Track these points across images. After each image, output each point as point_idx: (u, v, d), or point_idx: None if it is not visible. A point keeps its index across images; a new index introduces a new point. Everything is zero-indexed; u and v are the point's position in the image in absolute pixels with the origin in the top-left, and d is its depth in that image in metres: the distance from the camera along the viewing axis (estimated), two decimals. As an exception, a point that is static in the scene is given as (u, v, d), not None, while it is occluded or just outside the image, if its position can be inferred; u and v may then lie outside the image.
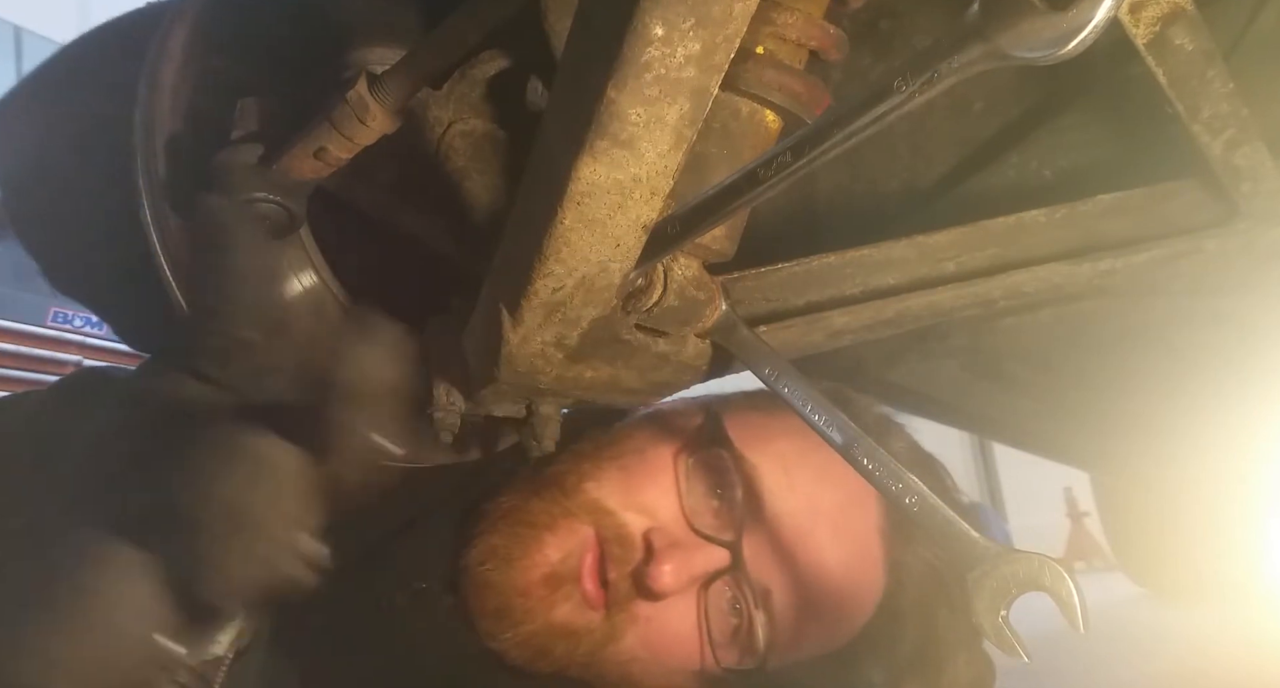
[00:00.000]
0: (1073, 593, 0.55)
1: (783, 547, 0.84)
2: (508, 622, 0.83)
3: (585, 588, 0.83)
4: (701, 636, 0.83)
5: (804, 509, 0.86)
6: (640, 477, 0.88)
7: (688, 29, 0.44)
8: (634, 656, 0.84)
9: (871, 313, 0.73)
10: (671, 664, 0.85)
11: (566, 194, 0.52)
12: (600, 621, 0.83)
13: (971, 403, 1.27)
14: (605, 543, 0.83)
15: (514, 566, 0.83)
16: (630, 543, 0.84)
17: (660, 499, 0.86)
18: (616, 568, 0.83)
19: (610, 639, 0.83)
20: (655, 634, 0.83)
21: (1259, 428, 1.29)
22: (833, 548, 0.86)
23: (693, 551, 0.82)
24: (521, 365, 0.64)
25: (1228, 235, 0.72)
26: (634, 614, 0.83)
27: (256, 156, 0.69)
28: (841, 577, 0.86)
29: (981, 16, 0.40)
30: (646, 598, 0.83)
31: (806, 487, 0.87)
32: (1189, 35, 0.59)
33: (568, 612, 0.83)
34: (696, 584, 0.83)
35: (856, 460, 0.63)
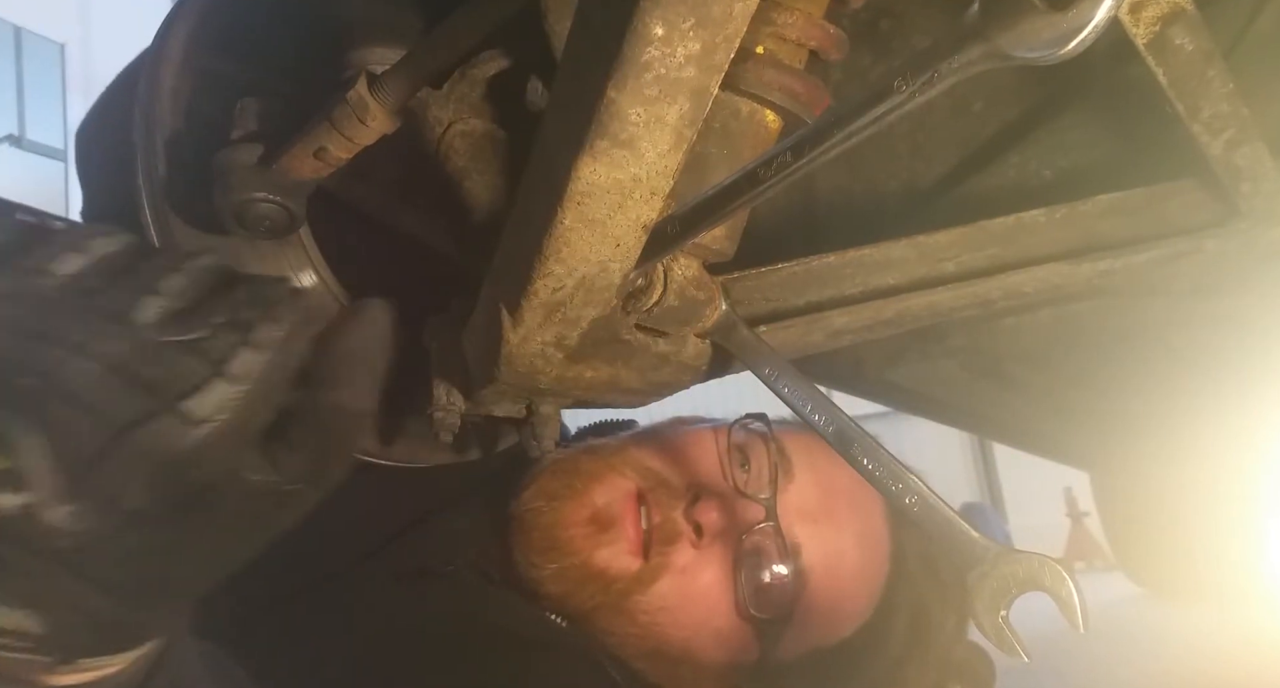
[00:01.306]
0: (1073, 593, 0.55)
1: (809, 510, 0.91)
2: (552, 554, 0.89)
3: (627, 532, 0.88)
4: (735, 585, 0.88)
5: (825, 484, 0.93)
6: (683, 447, 0.96)
7: (688, 29, 0.44)
8: (664, 605, 0.89)
9: (871, 313, 0.73)
10: (699, 615, 0.90)
11: (566, 194, 0.52)
12: (637, 566, 0.88)
13: (971, 403, 1.27)
14: (649, 491, 0.90)
15: (563, 505, 0.90)
16: (674, 491, 0.90)
17: (701, 462, 0.94)
18: (660, 511, 0.89)
19: (643, 585, 0.88)
20: (689, 582, 0.88)
21: (1258, 428, 1.29)
22: (849, 520, 0.93)
23: (734, 501, 0.90)
24: (521, 365, 0.64)
25: (1228, 235, 0.72)
26: (671, 562, 0.88)
27: (256, 156, 0.69)
28: (856, 549, 0.93)
29: (981, 17, 0.40)
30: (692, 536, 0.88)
31: (826, 466, 0.94)
32: (1189, 35, 0.59)
33: (608, 555, 0.88)
34: (736, 533, 0.89)
35: (856, 460, 0.63)
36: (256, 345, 0.40)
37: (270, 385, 0.41)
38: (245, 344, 0.40)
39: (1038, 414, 1.30)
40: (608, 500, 0.90)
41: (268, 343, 0.40)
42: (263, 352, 0.40)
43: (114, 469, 0.37)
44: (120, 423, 0.37)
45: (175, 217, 0.76)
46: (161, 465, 0.38)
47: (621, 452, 0.95)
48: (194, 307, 0.40)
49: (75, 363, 0.37)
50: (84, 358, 0.37)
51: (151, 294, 0.39)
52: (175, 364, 0.38)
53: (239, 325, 0.40)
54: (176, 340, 0.39)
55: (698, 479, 0.92)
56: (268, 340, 0.40)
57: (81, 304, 0.38)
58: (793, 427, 0.99)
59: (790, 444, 0.95)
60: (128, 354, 0.37)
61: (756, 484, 0.91)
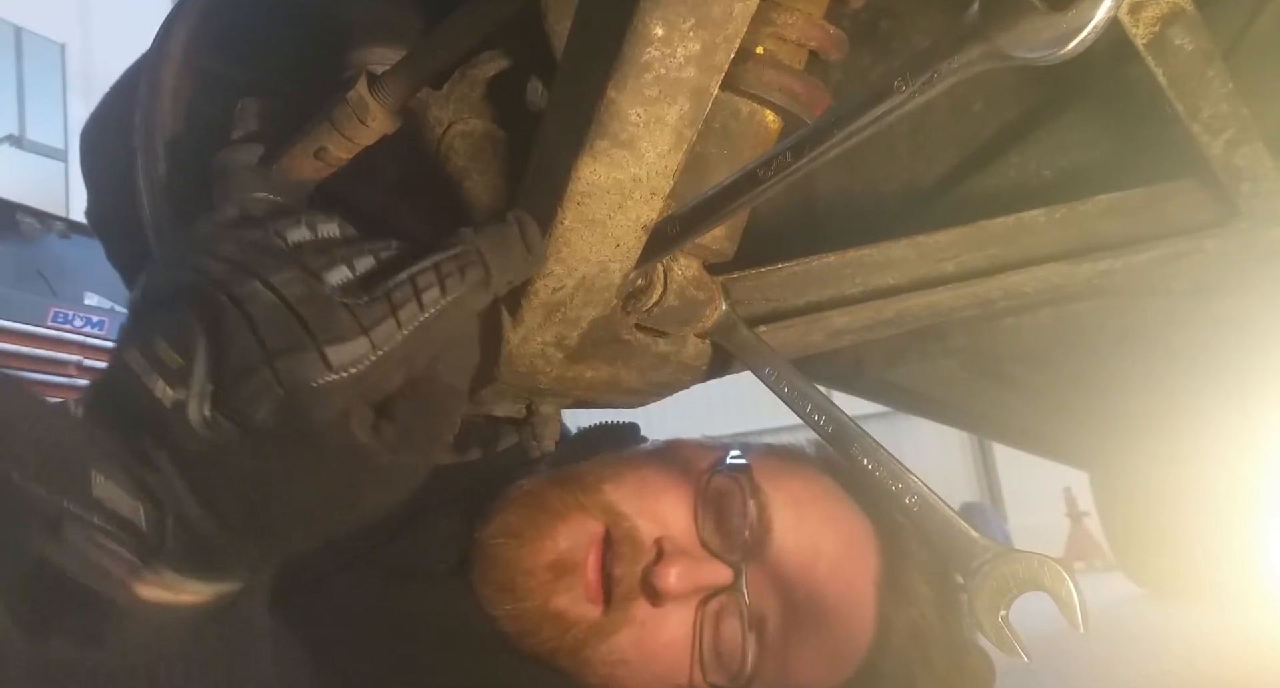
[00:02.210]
0: (1072, 593, 0.55)
1: (782, 579, 0.86)
2: (508, 596, 0.86)
3: (587, 579, 0.85)
4: (693, 649, 0.85)
5: (808, 547, 0.88)
6: (659, 488, 0.90)
7: (688, 29, 0.45)
8: (623, 657, 0.86)
9: (871, 313, 0.73)
10: (658, 672, 0.87)
11: (566, 194, 0.52)
12: (596, 616, 0.85)
13: (971, 403, 1.27)
14: (615, 542, 0.86)
15: (524, 545, 0.87)
16: (640, 544, 0.86)
17: (674, 511, 0.89)
18: (623, 566, 0.85)
19: (602, 635, 0.85)
20: (648, 638, 0.85)
21: (1258, 428, 1.29)
22: (829, 588, 0.88)
23: (700, 562, 0.85)
24: (521, 365, 0.65)
25: (1227, 235, 0.72)
26: (631, 616, 0.85)
27: (256, 157, 0.69)
28: (833, 619, 0.88)
29: (981, 17, 0.40)
30: (649, 598, 0.84)
31: (813, 527, 0.89)
32: (1189, 35, 0.59)
33: (566, 602, 0.85)
34: (698, 596, 0.85)
35: (855, 460, 0.63)
36: (402, 321, 0.46)
37: (404, 357, 0.47)
38: (393, 317, 0.46)
39: (1038, 414, 1.30)
40: (570, 544, 0.86)
41: (409, 321, 0.47)
42: (405, 327, 0.47)
43: (253, 386, 0.43)
44: (273, 349, 0.44)
45: (175, 216, 0.76)
46: (290, 394, 0.44)
47: (593, 489, 0.90)
48: (370, 280, 0.47)
49: (264, 295, 0.44)
50: (271, 291, 0.44)
51: (345, 265, 0.48)
52: (334, 316, 0.45)
53: (395, 301, 0.47)
54: (344, 301, 0.46)
55: (667, 529, 0.87)
56: (410, 319, 0.47)
57: (292, 258, 0.47)
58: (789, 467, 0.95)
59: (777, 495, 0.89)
60: (304, 299, 0.45)
61: (730, 541, 0.86)
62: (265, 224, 0.49)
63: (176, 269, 0.47)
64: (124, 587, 0.45)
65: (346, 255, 0.48)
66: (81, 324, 6.57)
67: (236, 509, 0.46)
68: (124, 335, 0.47)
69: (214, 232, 0.49)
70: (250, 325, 0.44)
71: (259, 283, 0.45)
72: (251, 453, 0.45)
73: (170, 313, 0.46)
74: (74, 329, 6.58)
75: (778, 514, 0.88)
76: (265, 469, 0.46)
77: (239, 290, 0.44)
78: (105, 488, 0.44)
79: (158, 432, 0.45)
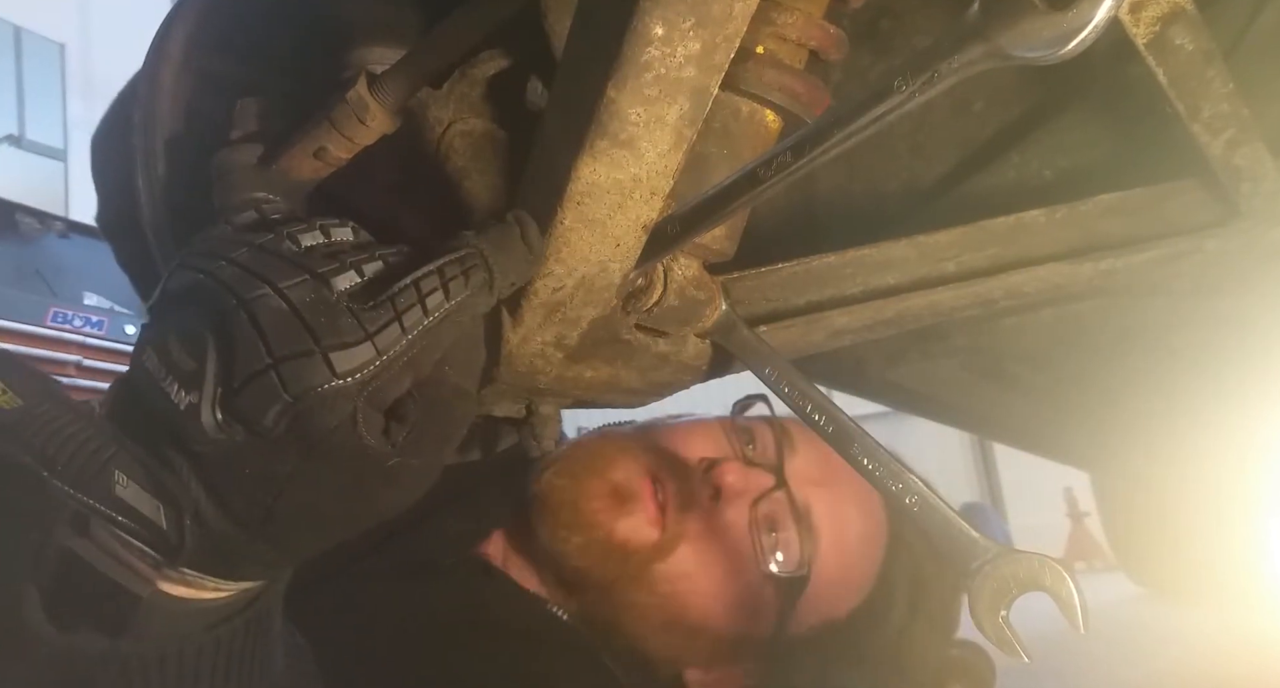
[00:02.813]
0: (1073, 593, 0.55)
1: (815, 479, 0.96)
2: (576, 527, 0.93)
3: (646, 504, 0.93)
4: (754, 542, 0.93)
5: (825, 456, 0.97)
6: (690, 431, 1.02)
7: (688, 29, 0.44)
8: (684, 570, 0.93)
9: (871, 313, 0.73)
10: (718, 577, 0.93)
11: (566, 194, 0.52)
12: (655, 537, 0.93)
13: (972, 403, 1.27)
14: (661, 468, 0.96)
15: (584, 481, 0.95)
16: (687, 466, 0.96)
17: (710, 443, 0.99)
18: (675, 482, 0.94)
19: (663, 553, 0.92)
20: (707, 547, 0.93)
21: (1259, 428, 1.29)
22: (850, 487, 0.98)
23: (748, 468, 0.95)
24: (521, 365, 0.64)
25: (1228, 235, 0.72)
26: (687, 530, 0.93)
27: (256, 156, 0.69)
28: (859, 514, 0.98)
29: (981, 16, 0.40)
30: (699, 507, 0.93)
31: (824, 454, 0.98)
32: (1189, 35, 0.59)
33: (629, 526, 0.92)
34: (750, 497, 0.93)
35: (855, 459, 0.63)
36: (406, 326, 0.47)
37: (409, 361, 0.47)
38: (397, 322, 0.46)
39: (1038, 414, 1.30)
40: (625, 476, 0.95)
41: (414, 326, 0.47)
42: (409, 332, 0.47)
43: (259, 390, 0.44)
44: (278, 354, 0.44)
45: (175, 216, 0.76)
46: (296, 399, 0.44)
47: (633, 436, 1.01)
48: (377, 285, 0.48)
49: (271, 300, 0.45)
50: (278, 297, 0.45)
51: (354, 270, 0.48)
52: (339, 321, 0.45)
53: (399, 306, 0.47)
54: (350, 306, 0.46)
55: (708, 455, 0.97)
56: (414, 324, 0.47)
57: (301, 263, 0.47)
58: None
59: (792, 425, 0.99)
60: (310, 305, 0.45)
61: (763, 456, 0.96)
62: (279, 228, 0.50)
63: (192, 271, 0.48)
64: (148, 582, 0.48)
65: (356, 261, 0.48)
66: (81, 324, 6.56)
67: (250, 511, 0.47)
68: (143, 336, 0.48)
69: (230, 234, 0.50)
70: (257, 330, 0.44)
71: (268, 288, 0.45)
72: (263, 456, 0.46)
73: (184, 315, 0.47)
74: (73, 329, 6.58)
75: (796, 437, 0.98)
76: (276, 472, 0.46)
77: (248, 295, 0.45)
78: (128, 488, 0.46)
79: (174, 433, 0.46)
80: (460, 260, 0.49)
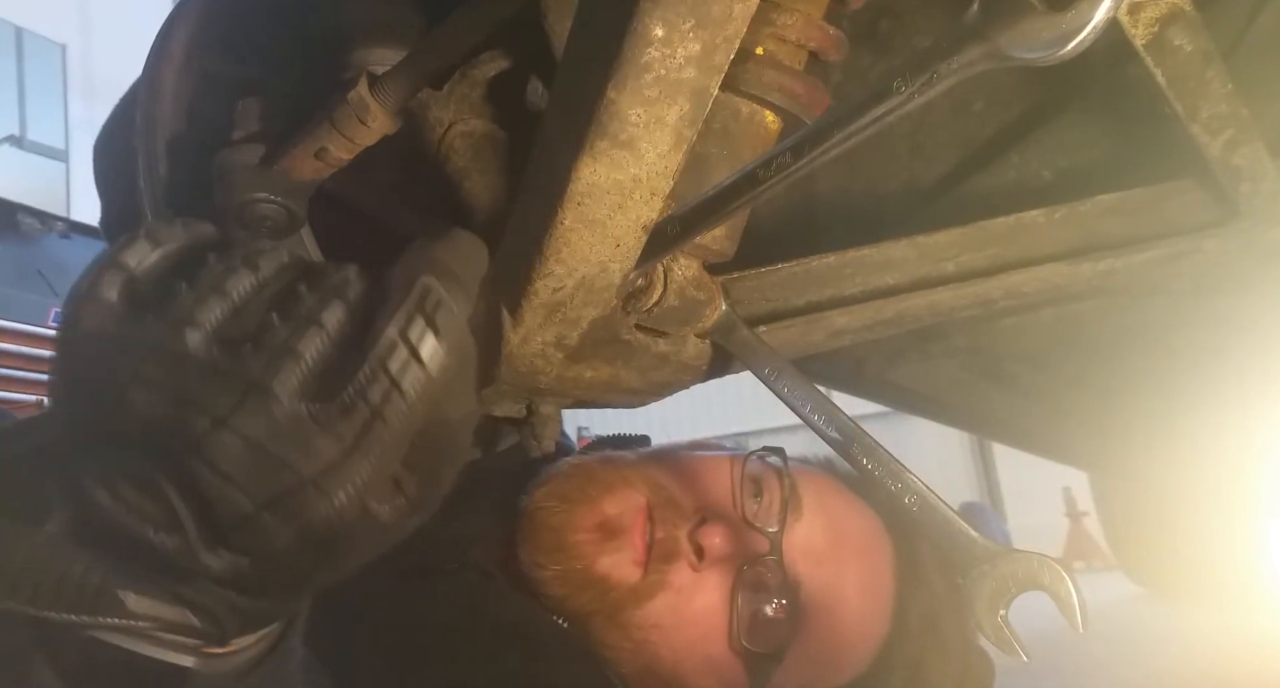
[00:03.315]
0: (1072, 593, 0.55)
1: (814, 553, 0.90)
2: (557, 556, 0.89)
3: (634, 543, 0.88)
4: (730, 613, 0.88)
5: (834, 527, 0.93)
6: (698, 470, 0.96)
7: (688, 30, 0.45)
8: (658, 622, 0.88)
9: (871, 313, 0.73)
10: (691, 637, 0.89)
11: (566, 194, 0.52)
12: (637, 579, 0.88)
13: (971, 403, 1.27)
14: (657, 509, 0.90)
15: (574, 508, 0.90)
16: (682, 511, 0.90)
17: (714, 488, 0.94)
18: (664, 529, 0.89)
19: (640, 599, 0.88)
20: (685, 602, 0.88)
21: (1259, 428, 1.29)
22: (854, 566, 0.93)
23: (740, 530, 0.90)
24: (522, 365, 0.65)
25: (1227, 235, 0.72)
26: (669, 580, 0.88)
27: (258, 157, 0.69)
28: (858, 596, 0.92)
29: (981, 17, 0.40)
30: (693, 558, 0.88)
31: (837, 511, 0.94)
32: (1188, 36, 0.59)
33: (611, 563, 0.88)
34: (735, 562, 0.89)
35: (855, 460, 0.63)
36: (390, 419, 0.41)
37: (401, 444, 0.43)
38: (378, 420, 0.41)
39: (1038, 414, 1.30)
40: (619, 510, 0.90)
41: (397, 417, 0.41)
42: (395, 422, 0.41)
43: (259, 530, 0.40)
44: (263, 498, 0.40)
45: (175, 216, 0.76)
46: (301, 527, 0.41)
47: (636, 466, 0.95)
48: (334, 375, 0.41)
49: (221, 437, 0.39)
50: (229, 432, 0.39)
51: (291, 361, 0.41)
52: (311, 443, 0.40)
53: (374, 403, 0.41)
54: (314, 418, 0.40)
55: (707, 502, 0.91)
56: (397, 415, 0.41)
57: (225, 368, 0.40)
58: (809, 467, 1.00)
59: (804, 483, 0.94)
60: (266, 433, 0.40)
61: (765, 517, 0.90)
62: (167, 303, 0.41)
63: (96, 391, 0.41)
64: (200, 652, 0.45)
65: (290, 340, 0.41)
66: (82, 324, 6.53)
67: (284, 592, 0.46)
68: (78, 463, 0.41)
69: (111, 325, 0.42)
70: (224, 479, 0.39)
71: (206, 421, 0.39)
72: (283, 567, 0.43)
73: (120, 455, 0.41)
74: (74, 329, 6.54)
75: (806, 496, 0.92)
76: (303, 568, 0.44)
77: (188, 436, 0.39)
78: (140, 603, 0.41)
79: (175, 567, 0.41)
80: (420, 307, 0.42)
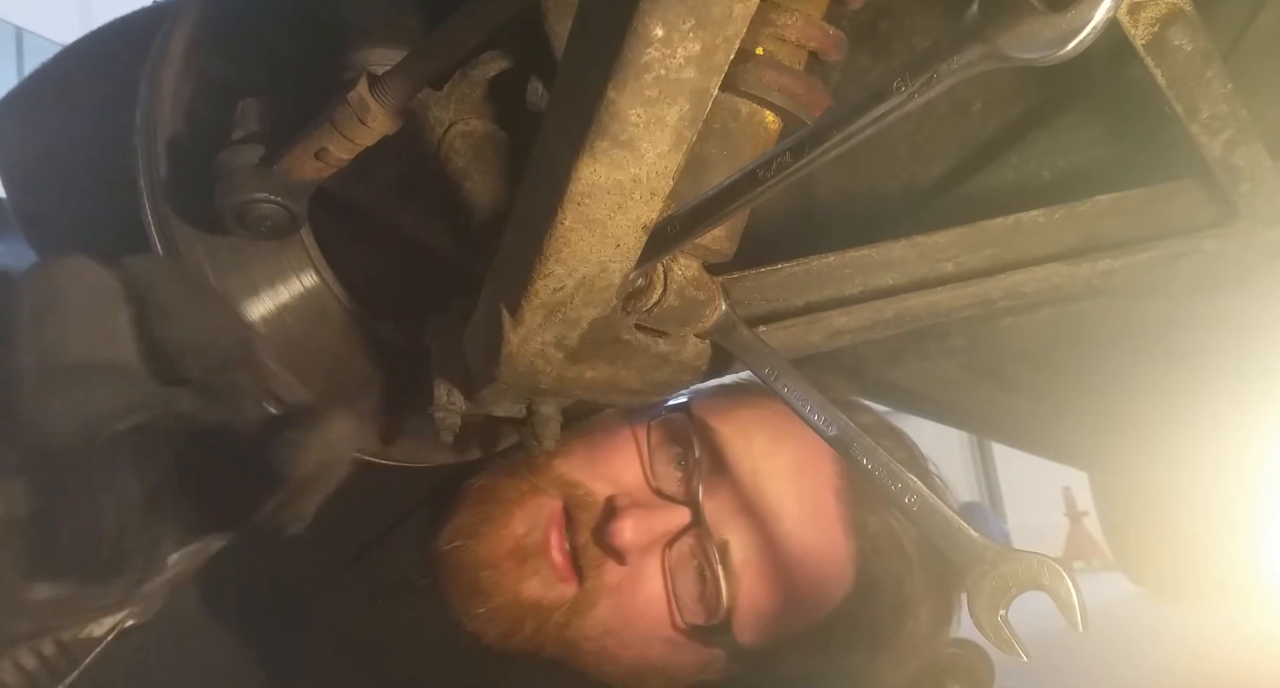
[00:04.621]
0: (1071, 592, 0.55)
1: (741, 502, 0.86)
2: (478, 598, 0.84)
3: (553, 559, 0.84)
4: (666, 594, 0.84)
5: (761, 468, 0.88)
6: (605, 449, 0.90)
7: (687, 30, 0.45)
8: (608, 627, 0.85)
9: (871, 313, 0.74)
10: (645, 631, 0.86)
11: (566, 194, 0.52)
12: (571, 592, 0.84)
13: (971, 403, 1.27)
14: (573, 508, 0.85)
15: (480, 541, 0.85)
16: (594, 508, 0.85)
17: (624, 467, 0.88)
18: (582, 533, 0.84)
19: (582, 610, 0.84)
20: (626, 599, 0.84)
21: (1259, 428, 1.29)
22: (787, 500, 0.87)
23: (655, 510, 0.85)
24: (522, 365, 0.65)
25: (1227, 236, 0.72)
26: (605, 582, 0.84)
27: (257, 157, 0.69)
28: (799, 531, 0.87)
29: (980, 17, 0.40)
30: (612, 558, 0.83)
31: (763, 446, 0.89)
32: (1187, 36, 0.59)
33: (537, 586, 0.84)
34: (660, 544, 0.84)
35: (855, 460, 0.64)
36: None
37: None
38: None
39: (1037, 414, 1.30)
40: (528, 527, 0.85)
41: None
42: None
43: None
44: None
45: (176, 217, 0.76)
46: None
47: (544, 467, 0.89)
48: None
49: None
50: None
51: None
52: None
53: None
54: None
55: (619, 487, 0.87)
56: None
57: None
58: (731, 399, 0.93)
59: (723, 427, 0.88)
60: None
61: (681, 485, 0.86)
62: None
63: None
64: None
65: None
66: (81, 324, 6.53)
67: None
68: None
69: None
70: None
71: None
72: None
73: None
74: (74, 329, 6.55)
75: (726, 444, 0.87)
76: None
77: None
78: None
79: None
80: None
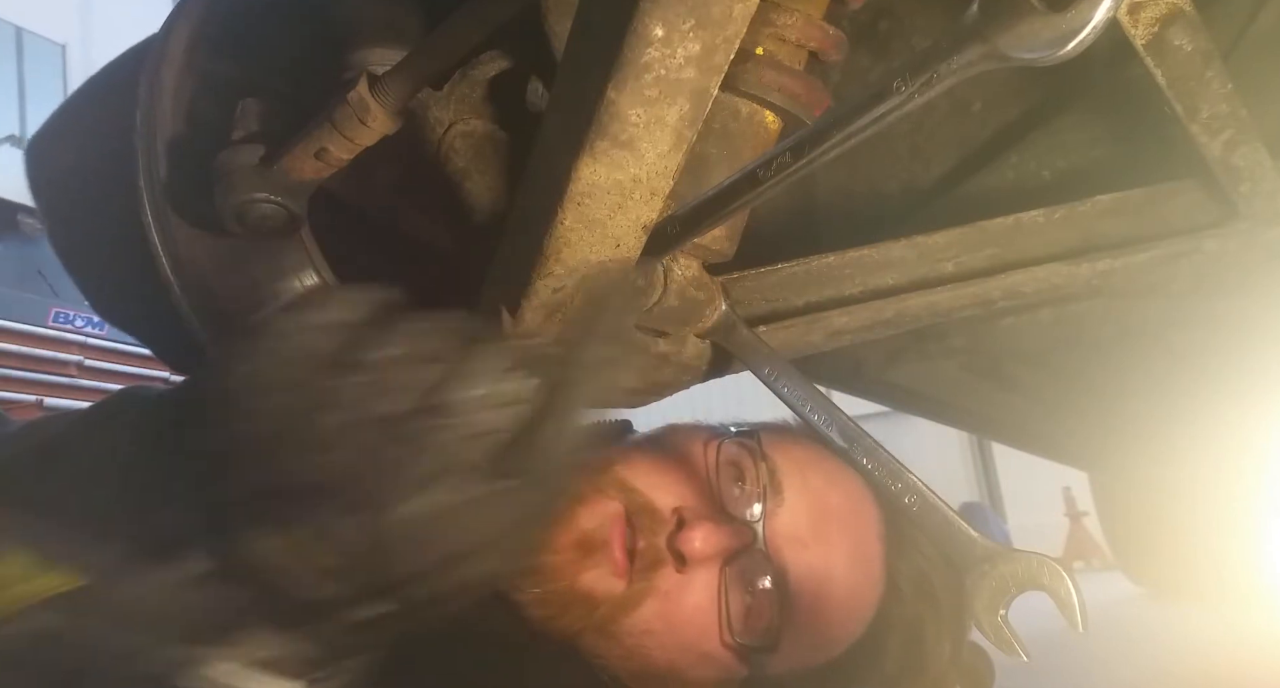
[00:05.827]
0: (1071, 592, 0.55)
1: (798, 537, 0.89)
2: (537, 578, 0.87)
3: (614, 556, 0.86)
4: (720, 609, 0.87)
5: (817, 506, 0.91)
6: (669, 463, 0.93)
7: (687, 30, 0.45)
8: (649, 628, 0.87)
9: (871, 313, 0.74)
10: (684, 640, 0.88)
11: (566, 194, 0.52)
12: (622, 590, 0.86)
13: (971, 403, 1.27)
14: (634, 516, 0.88)
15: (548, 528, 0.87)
16: (659, 515, 0.88)
17: (688, 482, 0.91)
18: (644, 538, 0.87)
19: (627, 608, 0.86)
20: (673, 606, 0.87)
21: (1259, 428, 1.29)
22: (840, 543, 0.91)
23: (722, 525, 0.87)
24: (522, 365, 0.64)
25: (1227, 235, 0.72)
26: (655, 586, 0.86)
27: (258, 157, 0.69)
28: (847, 572, 0.91)
29: (980, 18, 0.40)
30: (675, 564, 0.86)
31: (819, 486, 0.92)
32: (1187, 36, 0.59)
33: (593, 578, 0.86)
34: (720, 558, 0.87)
35: (856, 460, 0.64)
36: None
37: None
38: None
39: (1037, 414, 1.30)
40: (595, 523, 0.88)
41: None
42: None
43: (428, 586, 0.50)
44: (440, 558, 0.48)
45: (176, 217, 0.76)
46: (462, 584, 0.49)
47: (606, 472, 0.92)
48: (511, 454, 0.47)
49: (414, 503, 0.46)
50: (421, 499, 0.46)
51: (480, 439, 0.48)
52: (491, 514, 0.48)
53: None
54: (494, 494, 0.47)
55: (685, 500, 0.89)
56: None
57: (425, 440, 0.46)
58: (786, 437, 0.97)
59: (782, 461, 0.92)
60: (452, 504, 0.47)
61: (745, 504, 0.89)
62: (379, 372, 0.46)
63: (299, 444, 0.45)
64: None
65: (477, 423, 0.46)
66: (83, 324, 6.55)
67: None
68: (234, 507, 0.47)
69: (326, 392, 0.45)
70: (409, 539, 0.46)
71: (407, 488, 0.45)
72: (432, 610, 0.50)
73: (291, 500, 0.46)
74: (75, 329, 6.57)
75: (785, 477, 0.90)
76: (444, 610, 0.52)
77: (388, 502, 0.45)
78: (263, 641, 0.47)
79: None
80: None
